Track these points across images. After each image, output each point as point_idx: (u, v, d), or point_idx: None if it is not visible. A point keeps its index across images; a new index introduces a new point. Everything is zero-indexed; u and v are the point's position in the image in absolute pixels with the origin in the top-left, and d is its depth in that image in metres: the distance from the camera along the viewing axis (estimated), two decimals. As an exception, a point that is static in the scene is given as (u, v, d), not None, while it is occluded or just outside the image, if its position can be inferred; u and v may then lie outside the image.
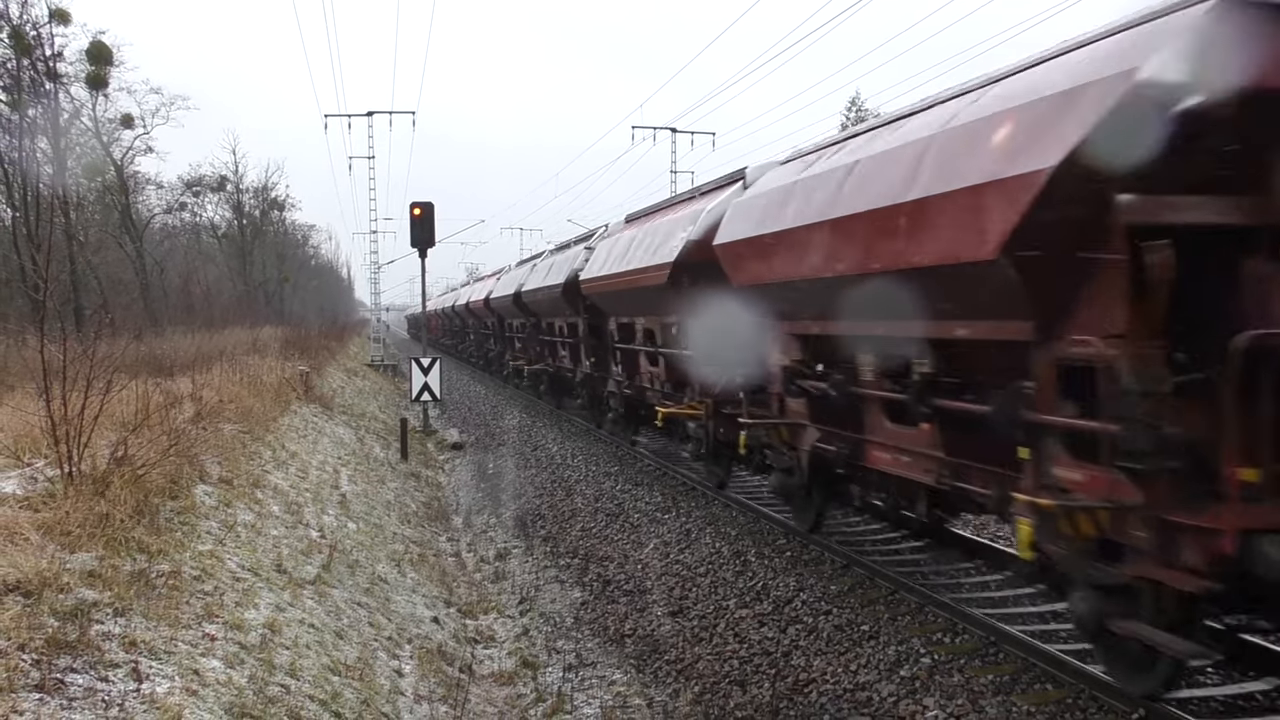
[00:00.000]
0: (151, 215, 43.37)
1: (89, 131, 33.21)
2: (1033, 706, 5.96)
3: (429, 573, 10.60)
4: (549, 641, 8.59)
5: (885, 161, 7.13)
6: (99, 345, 9.94)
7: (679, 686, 7.26)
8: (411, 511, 13.84)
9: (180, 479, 8.32)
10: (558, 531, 12.48)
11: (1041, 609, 7.58)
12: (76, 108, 31.86)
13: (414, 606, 9.03)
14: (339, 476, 13.35)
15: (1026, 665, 6.53)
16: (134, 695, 4.50)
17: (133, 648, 4.96)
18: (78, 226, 29.77)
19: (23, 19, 27.10)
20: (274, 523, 9.03)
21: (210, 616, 5.85)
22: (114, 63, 31.27)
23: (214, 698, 4.83)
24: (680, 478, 13.93)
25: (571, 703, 7.17)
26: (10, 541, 5.77)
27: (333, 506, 11.27)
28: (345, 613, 7.65)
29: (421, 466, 18.47)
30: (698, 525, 11.30)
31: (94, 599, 5.31)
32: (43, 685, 4.29)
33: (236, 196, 52.91)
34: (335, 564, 8.68)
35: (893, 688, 6.51)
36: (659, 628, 8.45)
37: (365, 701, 6.08)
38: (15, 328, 15.77)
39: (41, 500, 6.76)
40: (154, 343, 20.03)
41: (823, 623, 7.82)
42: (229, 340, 25.52)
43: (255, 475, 10.40)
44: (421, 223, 21.59)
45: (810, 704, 6.57)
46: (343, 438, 17.44)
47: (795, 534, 10.28)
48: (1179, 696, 5.78)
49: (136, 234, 36.60)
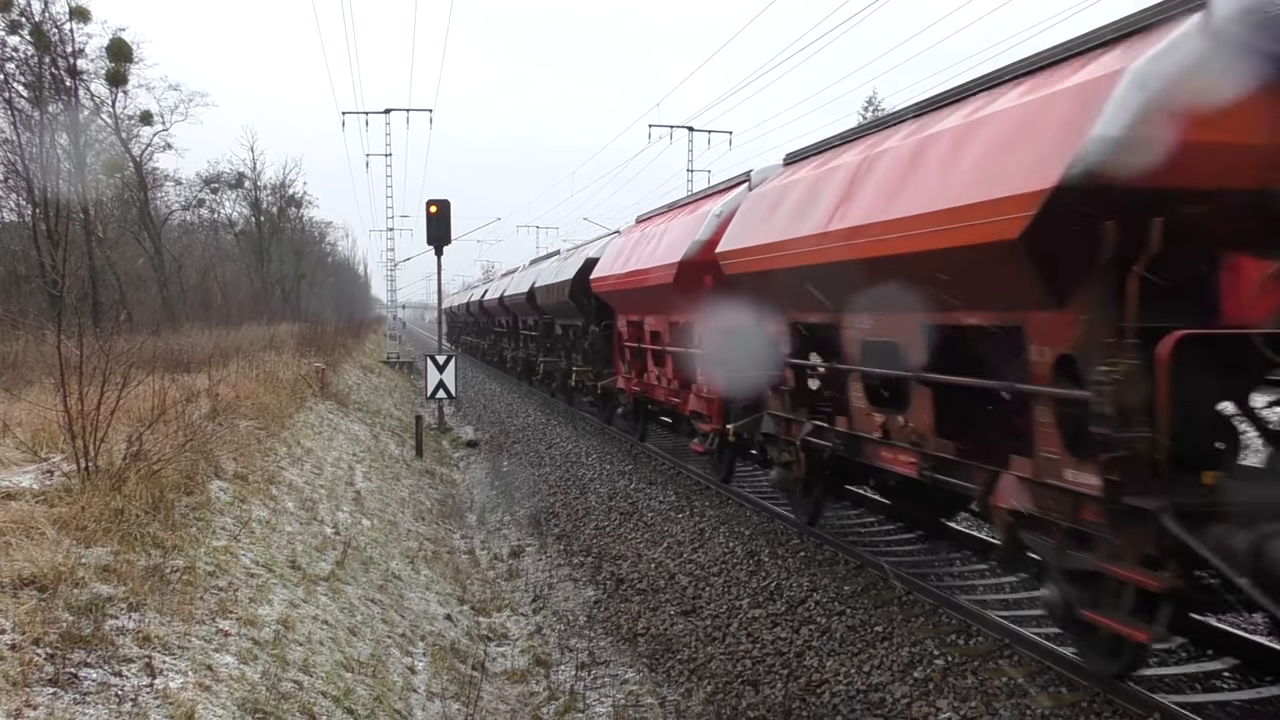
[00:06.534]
0: (170, 212, 43.61)
1: (108, 128, 33.37)
2: (1047, 709, 5.93)
3: (442, 570, 10.62)
4: (562, 640, 8.60)
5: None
6: (116, 341, 10.02)
7: (691, 686, 7.24)
8: (425, 508, 13.87)
9: (196, 475, 8.35)
10: (571, 529, 12.48)
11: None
12: (96, 104, 32.06)
13: (427, 604, 9.04)
14: (354, 473, 13.38)
15: (1042, 667, 6.49)
16: (147, 690, 4.52)
17: (146, 643, 4.98)
18: (96, 223, 29.95)
19: (44, 16, 27.33)
20: (288, 519, 9.06)
21: (224, 612, 5.87)
22: (133, 60, 31.45)
23: (227, 693, 4.84)
24: (694, 477, 13.90)
25: (584, 701, 7.16)
26: (26, 536, 5.81)
27: (347, 503, 11.30)
28: (359, 609, 7.66)
29: (436, 464, 18.50)
30: (711, 525, 11.27)
31: (109, 594, 5.34)
32: (57, 679, 4.32)
33: (254, 193, 53.15)
34: (349, 560, 8.69)
35: (906, 689, 6.48)
36: (672, 627, 8.44)
37: (378, 698, 6.09)
38: (34, 323, 15.88)
39: (58, 495, 6.80)
40: (171, 339, 20.17)
41: (836, 623, 7.79)
42: (245, 336, 25.68)
43: (270, 471, 10.44)
44: (438, 220, 21.64)
45: (823, 704, 6.54)
46: (358, 434, 17.49)
47: (809, 534, 10.24)
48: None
49: (155, 230, 36.78)
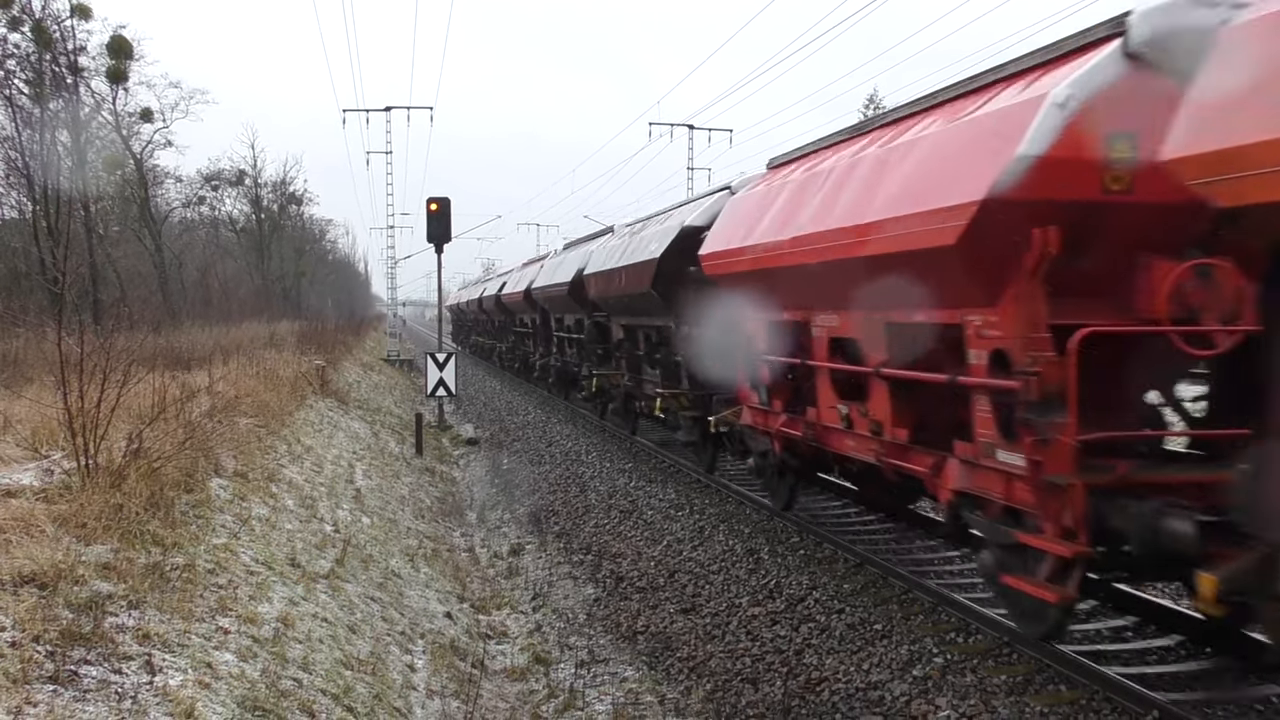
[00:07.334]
0: (170, 209, 43.64)
1: (109, 125, 33.38)
2: (1045, 707, 5.93)
3: (442, 568, 10.62)
4: (561, 638, 8.60)
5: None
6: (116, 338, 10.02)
7: (691, 684, 7.25)
8: (425, 506, 13.88)
9: (195, 472, 8.35)
10: (571, 527, 12.49)
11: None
12: (97, 101, 32.07)
13: (427, 601, 9.05)
14: (354, 471, 13.39)
15: (1040, 666, 6.50)
16: (147, 688, 4.52)
17: (146, 640, 4.98)
18: (97, 220, 29.95)
19: (45, 13, 27.33)
20: (288, 516, 9.06)
21: (224, 610, 5.87)
22: (134, 57, 31.49)
23: (227, 691, 4.85)
24: (694, 476, 13.92)
25: (584, 699, 7.17)
26: (27, 533, 5.81)
27: (347, 501, 11.30)
28: (358, 607, 7.67)
29: (436, 461, 18.51)
30: (711, 522, 11.28)
31: (108, 591, 5.34)
32: (57, 677, 4.32)
33: (255, 191, 53.15)
34: (349, 558, 8.70)
35: (905, 687, 6.49)
36: (671, 625, 8.44)
37: (378, 696, 6.09)
38: (34, 320, 15.87)
39: (58, 492, 6.80)
40: (171, 336, 20.18)
41: (835, 621, 7.80)
42: (246, 334, 25.68)
43: (270, 469, 10.44)
44: (438, 218, 21.63)
45: (822, 702, 6.55)
46: (358, 432, 17.49)
47: (809, 531, 10.27)
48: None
49: (155, 228, 36.77)
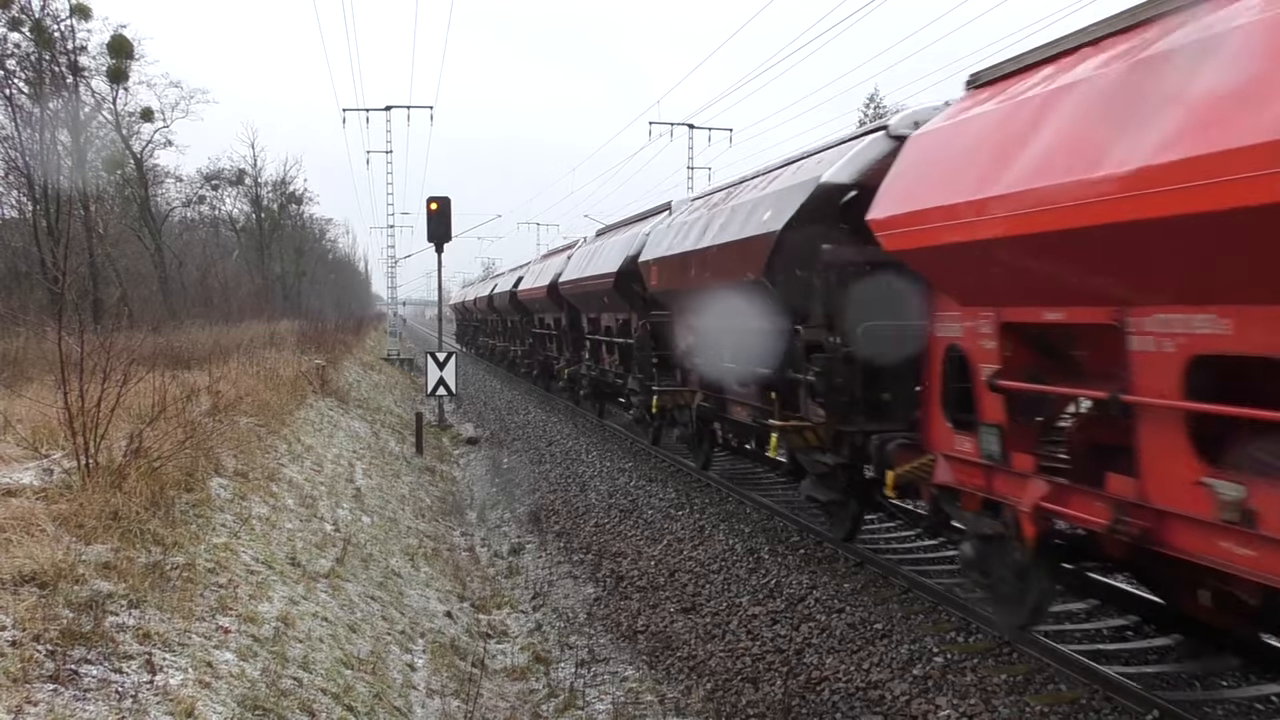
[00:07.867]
0: (170, 208, 43.65)
1: (109, 125, 33.40)
2: (1045, 707, 5.93)
3: (442, 567, 10.62)
4: (562, 637, 8.60)
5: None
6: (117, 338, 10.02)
7: (691, 683, 7.25)
8: (426, 505, 13.87)
9: (196, 472, 8.35)
10: (571, 527, 12.49)
11: (1056, 609, 7.54)
12: (97, 101, 32.07)
13: (427, 601, 9.05)
14: (354, 470, 13.38)
15: (1040, 665, 6.50)
16: (147, 687, 4.52)
17: (146, 639, 4.97)
18: (97, 219, 29.94)
19: (45, 13, 27.33)
20: (288, 516, 9.06)
21: (224, 609, 5.87)
22: (134, 56, 31.51)
23: (227, 690, 4.85)
24: (697, 477, 13.92)
25: (584, 698, 7.16)
26: (27, 533, 5.81)
27: (347, 500, 11.30)
28: (359, 606, 7.67)
29: (436, 461, 18.50)
30: (711, 522, 11.28)
31: (109, 591, 5.34)
32: (57, 676, 4.32)
33: (255, 190, 53.15)
34: (349, 558, 8.70)
35: (905, 686, 6.49)
36: (671, 624, 8.44)
37: (378, 695, 6.09)
38: (35, 320, 15.87)
39: (58, 492, 6.79)
40: (171, 335, 20.17)
41: (835, 621, 7.80)
42: (246, 333, 25.66)
43: (270, 468, 10.43)
44: (438, 217, 21.63)
45: (822, 702, 6.55)
46: (358, 432, 17.49)
47: (809, 531, 10.29)
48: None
49: (155, 227, 36.79)
